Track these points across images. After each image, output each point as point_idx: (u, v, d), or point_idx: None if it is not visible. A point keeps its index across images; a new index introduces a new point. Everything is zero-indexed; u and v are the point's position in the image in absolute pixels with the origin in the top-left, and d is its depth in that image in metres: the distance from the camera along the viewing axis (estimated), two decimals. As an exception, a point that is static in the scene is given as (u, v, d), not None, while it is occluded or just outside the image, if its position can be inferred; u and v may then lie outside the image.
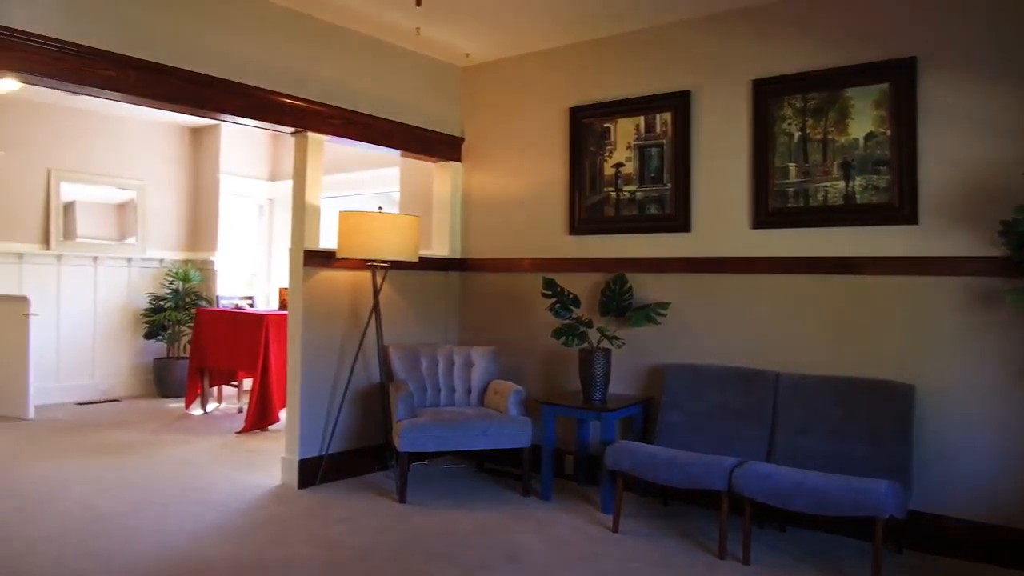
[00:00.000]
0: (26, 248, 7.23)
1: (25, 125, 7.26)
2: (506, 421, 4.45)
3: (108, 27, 3.80)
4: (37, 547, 3.53)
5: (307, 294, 4.66)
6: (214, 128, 8.18)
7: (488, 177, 5.52)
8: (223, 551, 3.53)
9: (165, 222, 8.25)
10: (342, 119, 4.82)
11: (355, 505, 4.28)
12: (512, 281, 5.32)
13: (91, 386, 7.59)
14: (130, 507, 4.15)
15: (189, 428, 6.32)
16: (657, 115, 4.70)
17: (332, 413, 4.76)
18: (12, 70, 3.56)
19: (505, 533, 3.87)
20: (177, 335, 7.83)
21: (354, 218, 4.63)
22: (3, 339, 6.67)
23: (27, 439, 5.78)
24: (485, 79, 5.57)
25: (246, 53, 4.34)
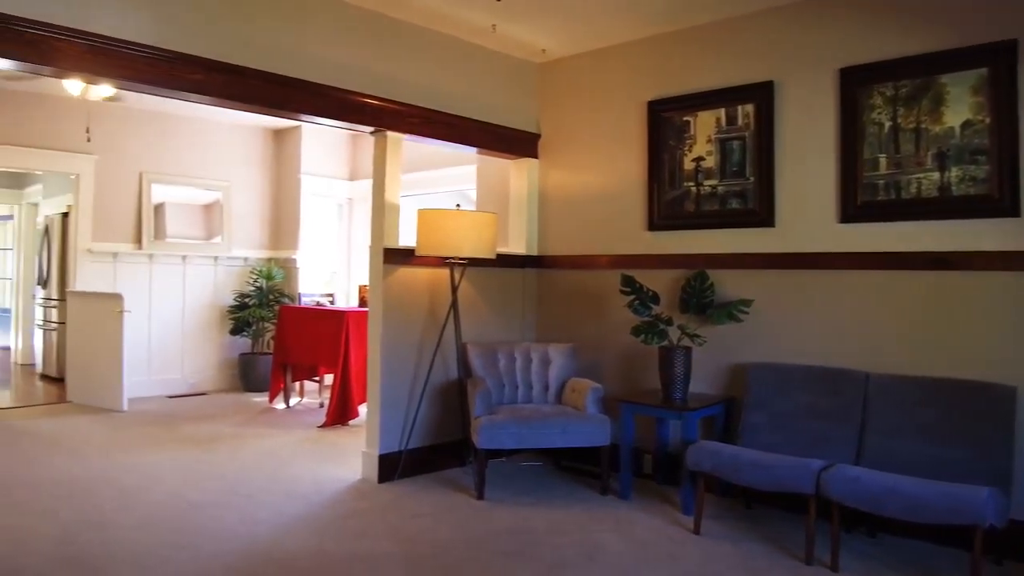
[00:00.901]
0: (120, 248, 7.55)
1: (119, 130, 7.57)
2: (584, 419, 4.41)
3: (196, 33, 3.92)
4: (131, 534, 3.67)
5: (387, 291, 4.71)
6: (295, 129, 8.38)
7: (565, 173, 5.49)
8: (307, 544, 3.60)
9: (249, 222, 8.49)
10: (420, 118, 4.86)
11: (434, 500, 4.31)
12: (589, 278, 5.27)
13: (180, 380, 7.87)
14: (218, 498, 4.28)
15: (272, 422, 6.49)
16: (739, 107, 4.58)
17: (411, 409, 4.81)
18: (109, 76, 3.71)
19: (583, 532, 3.83)
20: (261, 331, 8.06)
21: (433, 216, 4.66)
22: (99, 335, 6.99)
23: (121, 430, 6.03)
24: (561, 75, 5.53)
25: (326, 54, 4.42)
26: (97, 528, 3.75)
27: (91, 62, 3.61)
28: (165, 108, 7.58)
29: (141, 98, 6.77)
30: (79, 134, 7.25)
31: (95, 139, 7.34)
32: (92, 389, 7.08)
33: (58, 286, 8.66)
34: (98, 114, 7.35)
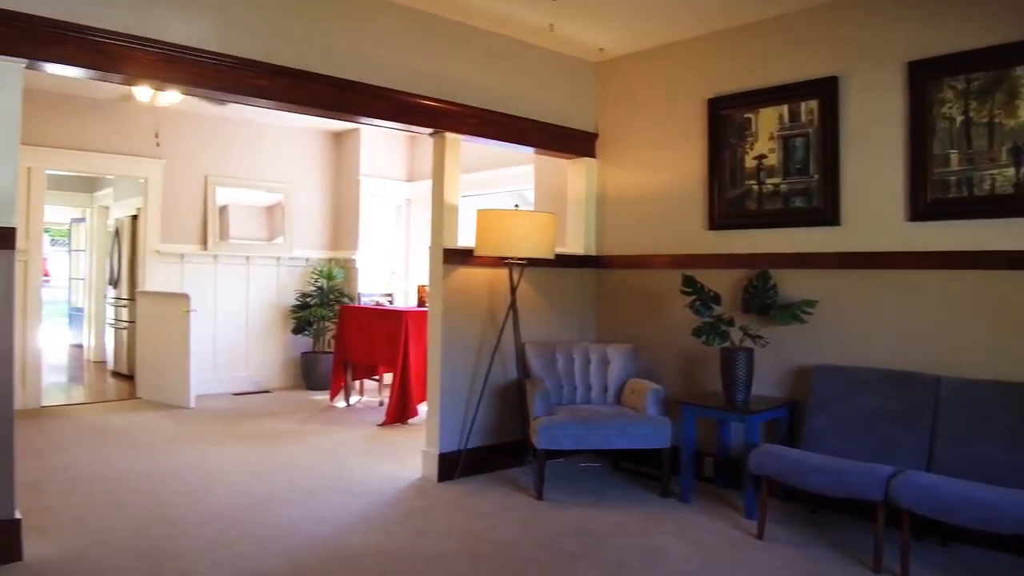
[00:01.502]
0: (187, 249, 7.76)
1: (185, 135, 7.79)
2: (645, 421, 4.38)
3: (261, 39, 4.01)
4: (200, 528, 3.77)
5: (446, 291, 4.75)
6: (354, 132, 8.49)
7: (623, 172, 5.45)
8: (369, 541, 3.65)
9: (310, 223, 8.64)
10: (478, 118, 4.88)
11: (494, 500, 4.33)
12: (648, 278, 5.23)
13: (245, 378, 8.06)
14: (282, 494, 4.37)
15: (334, 419, 6.60)
16: (802, 103, 4.48)
17: (470, 408, 4.84)
18: (177, 83, 3.82)
19: (644, 534, 3.80)
20: (322, 331, 8.20)
21: (491, 216, 4.68)
22: (167, 333, 7.19)
23: (189, 426, 6.20)
24: (619, 73, 5.49)
25: (386, 57, 4.47)
26: (168, 522, 3.86)
27: (161, 69, 3.72)
28: (229, 113, 7.76)
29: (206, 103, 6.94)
30: (148, 139, 7.48)
31: (163, 144, 7.56)
32: (161, 386, 7.30)
33: (128, 286, 8.94)
34: (166, 119, 7.56)
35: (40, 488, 4.33)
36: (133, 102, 6.98)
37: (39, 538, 3.52)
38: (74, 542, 3.54)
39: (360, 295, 7.95)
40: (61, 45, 3.41)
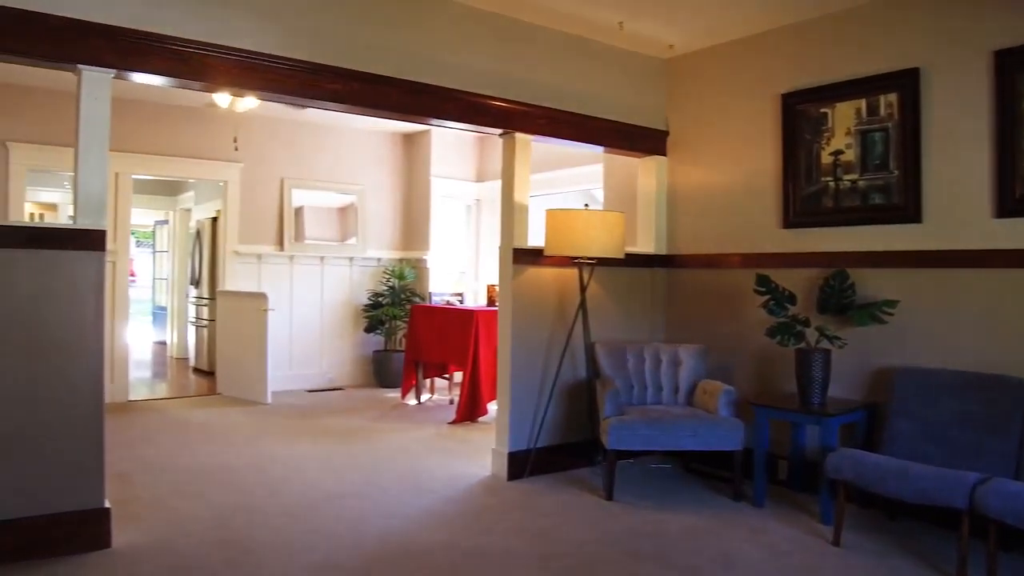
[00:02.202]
0: (264, 250, 7.99)
1: (262, 139, 8.01)
2: (717, 422, 4.32)
3: (334, 44, 4.10)
4: (277, 520, 3.88)
5: (516, 291, 4.77)
6: (425, 133, 8.60)
7: (694, 170, 5.38)
8: (440, 538, 3.70)
9: (382, 223, 8.79)
10: (547, 118, 4.88)
11: (564, 500, 4.33)
12: (720, 277, 5.15)
13: (319, 375, 8.25)
14: (355, 489, 4.46)
15: (405, 417, 6.70)
16: (881, 97, 4.35)
17: (540, 408, 4.85)
18: (255, 89, 3.94)
19: (716, 538, 3.75)
20: (394, 329, 8.33)
21: (561, 216, 4.68)
22: (246, 331, 7.42)
23: (267, 422, 6.38)
24: (690, 70, 5.42)
25: (456, 59, 4.52)
26: (247, 512, 3.99)
27: (239, 76, 3.84)
28: (303, 117, 7.95)
29: (281, 108, 7.13)
30: (227, 144, 7.72)
31: (240, 148, 7.79)
32: (239, 382, 7.53)
33: (208, 285, 9.26)
34: (244, 125, 7.79)
35: (128, 479, 4.52)
36: (213, 108, 7.22)
37: (127, 526, 3.68)
38: (159, 531, 3.69)
39: (431, 295, 8.05)
40: (146, 55, 3.56)
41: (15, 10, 3.22)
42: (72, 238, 3.41)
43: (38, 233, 3.40)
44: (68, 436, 3.40)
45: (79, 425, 3.42)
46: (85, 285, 3.43)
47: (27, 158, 6.88)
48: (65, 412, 3.39)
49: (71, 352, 3.40)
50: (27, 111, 6.80)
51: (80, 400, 3.42)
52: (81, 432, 3.42)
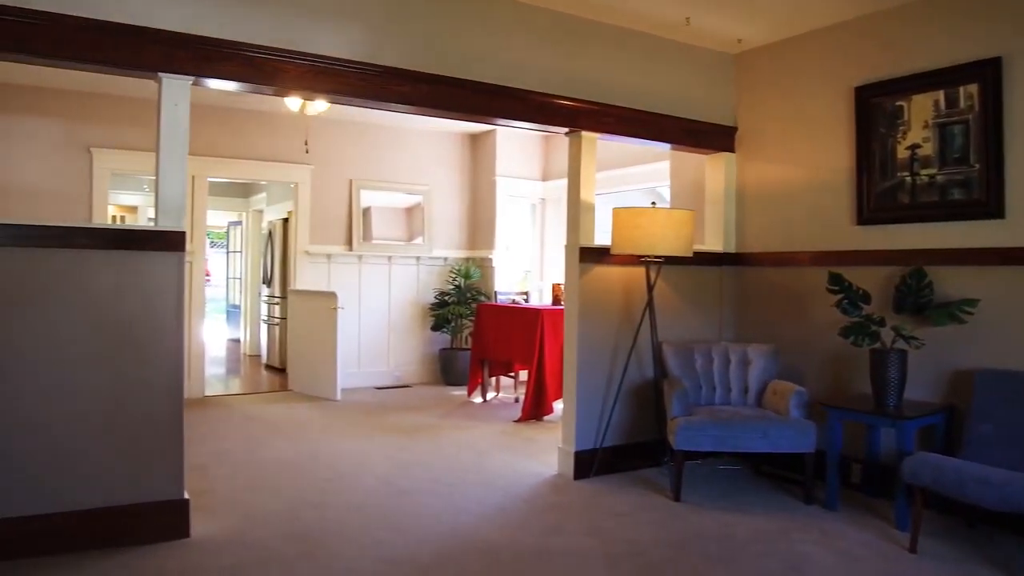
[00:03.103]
0: (333, 249, 8.15)
1: (331, 141, 8.18)
2: (788, 424, 4.23)
3: (402, 47, 4.16)
4: (347, 515, 3.96)
5: (582, 290, 4.76)
6: (490, 133, 8.65)
7: (763, 166, 5.28)
8: (506, 535, 3.72)
9: (448, 223, 8.87)
10: (614, 116, 4.86)
11: (630, 500, 4.30)
12: (790, 276, 5.04)
13: (387, 372, 8.38)
14: (423, 485, 4.52)
15: (471, 414, 6.75)
16: (960, 88, 4.19)
17: (606, 407, 4.83)
18: (326, 92, 4.03)
19: (787, 542, 3.68)
20: (460, 328, 8.40)
21: (628, 214, 4.65)
22: (316, 329, 7.58)
23: (336, 418, 6.51)
24: (759, 64, 5.32)
25: (522, 59, 4.53)
26: (317, 507, 4.08)
27: (311, 80, 3.93)
28: (371, 119, 8.08)
29: (350, 110, 7.26)
30: (298, 147, 7.91)
31: (311, 150, 7.96)
32: (310, 379, 7.70)
33: (280, 285, 9.50)
34: (314, 127, 7.96)
35: (205, 472, 4.68)
36: (284, 112, 7.39)
37: (204, 517, 3.81)
38: (235, 522, 3.81)
39: (496, 293, 8.09)
40: (222, 62, 3.68)
41: (100, 22, 3.37)
42: (153, 239, 3.54)
43: (122, 235, 3.54)
44: (150, 430, 3.54)
45: (160, 419, 3.56)
46: (166, 284, 3.56)
47: (109, 163, 7.16)
48: (147, 407, 3.53)
49: (153, 349, 3.54)
50: (109, 118, 7.09)
51: (161, 395, 3.56)
52: (162, 426, 3.56)
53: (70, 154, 7.00)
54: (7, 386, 3.27)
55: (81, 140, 7.03)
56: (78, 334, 3.41)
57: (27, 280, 3.31)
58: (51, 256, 3.36)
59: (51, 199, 6.89)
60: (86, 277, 3.43)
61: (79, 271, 3.41)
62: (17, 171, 6.77)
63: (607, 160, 6.98)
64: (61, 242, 3.37)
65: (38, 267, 3.33)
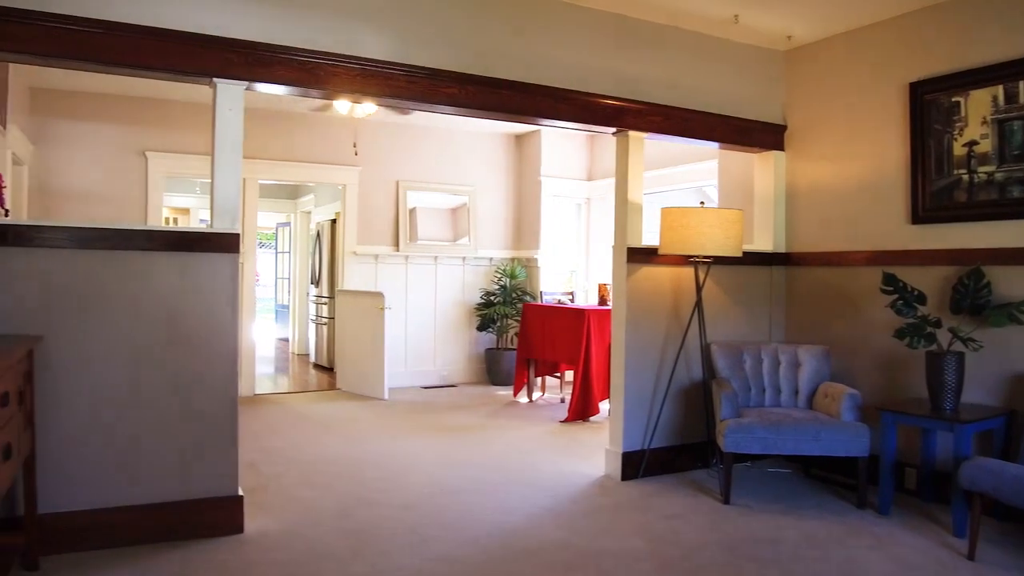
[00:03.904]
0: (380, 250, 8.24)
1: (378, 143, 8.27)
2: (840, 427, 4.16)
3: (450, 49, 4.19)
4: (397, 513, 4.00)
5: (630, 290, 4.74)
6: (535, 134, 8.66)
7: (814, 165, 5.20)
8: (555, 535, 3.72)
9: (493, 223, 8.91)
10: (661, 115, 4.83)
11: (679, 502, 4.28)
12: (842, 276, 4.96)
13: (433, 372, 8.44)
14: (471, 484, 4.54)
15: (517, 414, 6.77)
16: (1020, 83, 4.08)
17: (654, 408, 4.80)
18: (375, 95, 4.07)
19: (840, 547, 3.62)
20: (505, 328, 8.43)
21: (677, 214, 4.62)
22: (364, 329, 7.68)
23: (384, 417, 6.58)
24: (809, 61, 5.24)
25: (569, 59, 4.53)
26: (369, 505, 4.13)
27: (360, 84, 3.98)
28: (417, 121, 8.15)
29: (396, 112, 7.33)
30: (346, 149, 8.01)
31: (358, 152, 8.06)
32: (358, 378, 7.79)
33: (328, 285, 9.63)
34: (361, 129, 8.06)
35: (257, 468, 4.77)
36: (332, 115, 7.49)
37: (258, 513, 3.88)
38: (287, 519, 3.88)
39: (542, 293, 8.10)
40: (275, 67, 3.75)
41: (159, 29, 3.46)
42: (209, 241, 3.63)
43: (179, 237, 3.63)
44: (207, 427, 3.63)
45: (216, 417, 3.64)
46: (221, 285, 3.65)
47: (163, 166, 7.34)
48: (204, 405, 3.62)
49: (209, 348, 3.63)
50: (162, 123, 7.27)
51: (217, 393, 3.64)
52: (218, 423, 3.65)
53: (127, 158, 7.19)
54: (72, 383, 3.38)
55: (137, 144, 7.22)
56: (137, 333, 3.50)
57: (89, 281, 3.42)
58: (112, 258, 3.46)
59: (109, 202, 7.09)
60: (145, 278, 3.52)
61: (138, 272, 3.51)
62: (78, 175, 6.98)
63: (652, 159, 6.94)
64: (121, 244, 3.47)
65: (99, 268, 3.43)
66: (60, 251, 3.36)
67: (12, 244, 3.25)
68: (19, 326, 3.27)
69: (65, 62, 3.44)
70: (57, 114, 6.91)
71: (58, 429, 3.35)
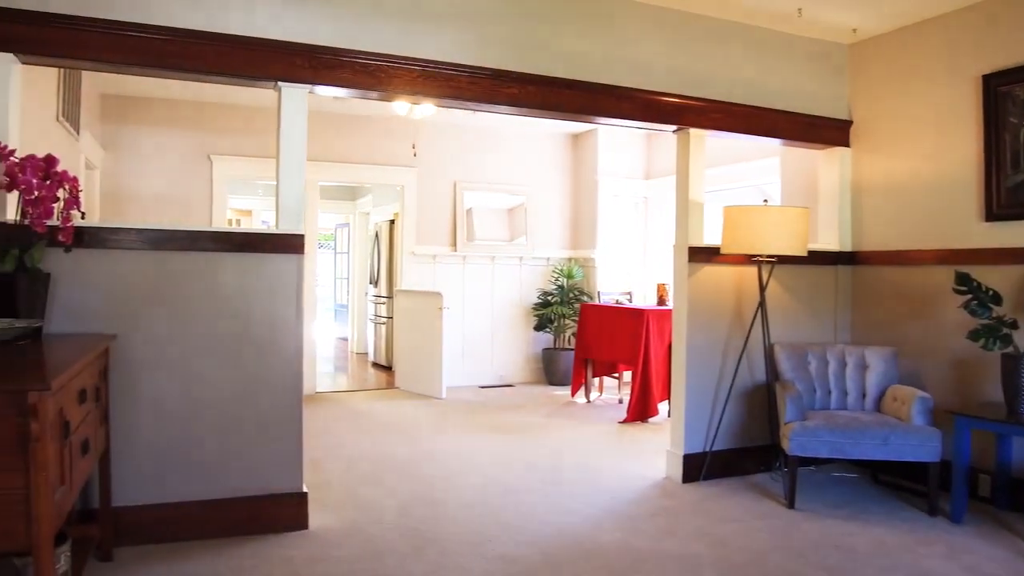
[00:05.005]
0: (438, 250, 8.29)
1: (436, 144, 8.33)
2: (910, 431, 4.04)
3: (511, 49, 4.19)
4: (457, 512, 4.02)
5: (691, 290, 4.68)
6: (592, 133, 8.61)
7: (882, 161, 5.05)
8: (615, 538, 3.69)
9: (550, 223, 8.89)
10: (723, 112, 4.76)
11: (742, 505, 4.21)
12: (911, 275, 4.81)
13: (490, 371, 8.47)
14: (530, 484, 4.54)
15: (575, 415, 6.74)
16: (1104, 75, 3.91)
17: (716, 410, 4.74)
18: (434, 97, 4.09)
19: (911, 555, 3.51)
20: (562, 328, 8.40)
21: (740, 212, 4.54)
22: (422, 328, 7.74)
23: (443, 416, 6.62)
24: (876, 54, 5.10)
25: (629, 57, 4.49)
26: (428, 503, 4.16)
27: (421, 85, 4.01)
28: (474, 121, 8.19)
29: (454, 113, 7.38)
30: (404, 150, 8.09)
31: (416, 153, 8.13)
32: (416, 377, 7.86)
33: (386, 285, 9.74)
34: (420, 131, 8.13)
35: (320, 466, 4.84)
36: (391, 116, 7.57)
37: (321, 510, 3.94)
38: (349, 515, 3.93)
39: (599, 293, 8.05)
40: (338, 70, 3.80)
41: (226, 36, 3.55)
42: (274, 242, 3.69)
43: (246, 238, 3.71)
44: (272, 424, 3.70)
45: (281, 414, 3.71)
46: (286, 285, 3.71)
47: (227, 169, 7.52)
48: (269, 402, 3.70)
49: (274, 347, 3.70)
50: (227, 127, 7.44)
51: (282, 391, 3.71)
52: (283, 421, 3.72)
53: (193, 162, 7.39)
54: (144, 381, 3.48)
55: (202, 148, 7.41)
56: (207, 333, 3.59)
57: (160, 281, 3.51)
58: (182, 259, 3.55)
59: (176, 204, 7.29)
60: (213, 278, 3.60)
61: (206, 272, 3.59)
62: (146, 179, 7.20)
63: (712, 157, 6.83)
64: (190, 245, 3.56)
65: (170, 269, 3.53)
66: (132, 252, 3.46)
67: (88, 246, 3.36)
68: (95, 325, 3.38)
69: (137, 69, 3.55)
70: (126, 120, 7.13)
71: (131, 425, 3.45)
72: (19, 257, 3.00)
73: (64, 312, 3.32)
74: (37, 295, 3.02)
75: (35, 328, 2.83)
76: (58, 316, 3.30)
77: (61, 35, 3.29)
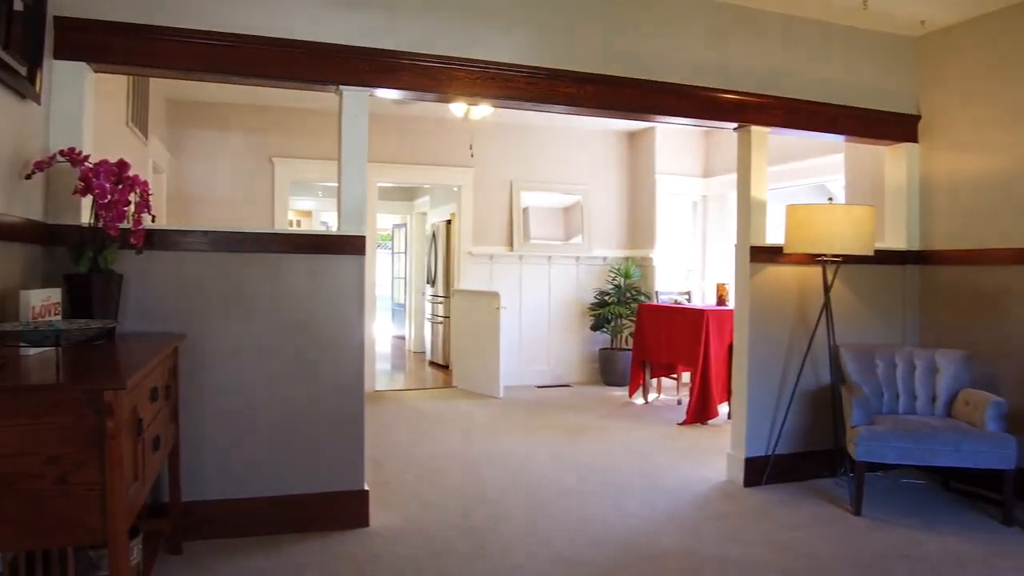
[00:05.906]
0: (495, 250, 8.32)
1: (492, 145, 8.35)
2: (983, 437, 3.90)
3: (568, 48, 4.18)
4: (516, 512, 4.02)
5: (753, 290, 4.60)
6: (649, 131, 8.53)
7: (952, 157, 4.89)
8: (676, 541, 3.65)
9: (606, 222, 8.83)
10: (784, 108, 4.66)
11: (806, 511, 4.12)
12: (984, 275, 4.64)
13: (547, 371, 8.46)
14: (589, 486, 4.52)
15: (633, 416, 6.69)
16: None
17: (779, 413, 4.64)
18: (492, 97, 4.10)
19: (986, 566, 3.39)
20: (620, 328, 8.34)
21: (803, 211, 4.45)
22: (479, 328, 7.77)
23: (500, 415, 6.64)
24: (945, 47, 4.93)
25: (688, 54, 4.43)
26: (487, 503, 4.17)
27: (480, 86, 4.02)
28: (530, 121, 8.19)
29: (510, 114, 7.38)
30: (461, 151, 8.13)
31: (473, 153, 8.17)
32: (474, 376, 7.90)
33: (444, 284, 9.80)
34: (476, 131, 8.16)
35: (380, 464, 4.90)
36: (448, 117, 7.61)
37: (381, 508, 3.99)
38: (410, 514, 3.96)
39: (657, 293, 7.97)
40: (398, 73, 3.84)
41: (289, 40, 3.61)
42: (337, 243, 3.75)
43: (310, 240, 3.77)
44: (335, 423, 3.76)
45: (344, 413, 3.77)
46: (349, 285, 3.77)
47: (289, 171, 7.66)
48: (333, 401, 3.76)
49: (337, 346, 3.75)
50: (288, 130, 7.58)
51: (345, 390, 3.77)
52: (345, 419, 3.77)
53: (255, 164, 7.55)
54: (211, 379, 3.56)
55: (264, 151, 7.56)
56: (271, 332, 3.66)
57: (227, 282, 3.59)
58: (248, 260, 3.62)
59: (239, 206, 7.46)
60: (278, 279, 3.67)
61: (272, 273, 3.66)
62: (211, 181, 7.38)
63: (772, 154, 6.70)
64: (256, 247, 3.63)
65: (237, 270, 3.61)
66: (200, 254, 3.55)
67: (158, 248, 3.46)
68: (165, 325, 3.47)
69: (203, 75, 3.64)
70: (191, 124, 7.32)
71: (198, 422, 3.54)
72: (93, 259, 3.09)
73: (136, 312, 3.42)
74: (110, 296, 3.12)
75: (109, 328, 2.91)
76: (130, 316, 3.40)
77: (131, 43, 3.39)
